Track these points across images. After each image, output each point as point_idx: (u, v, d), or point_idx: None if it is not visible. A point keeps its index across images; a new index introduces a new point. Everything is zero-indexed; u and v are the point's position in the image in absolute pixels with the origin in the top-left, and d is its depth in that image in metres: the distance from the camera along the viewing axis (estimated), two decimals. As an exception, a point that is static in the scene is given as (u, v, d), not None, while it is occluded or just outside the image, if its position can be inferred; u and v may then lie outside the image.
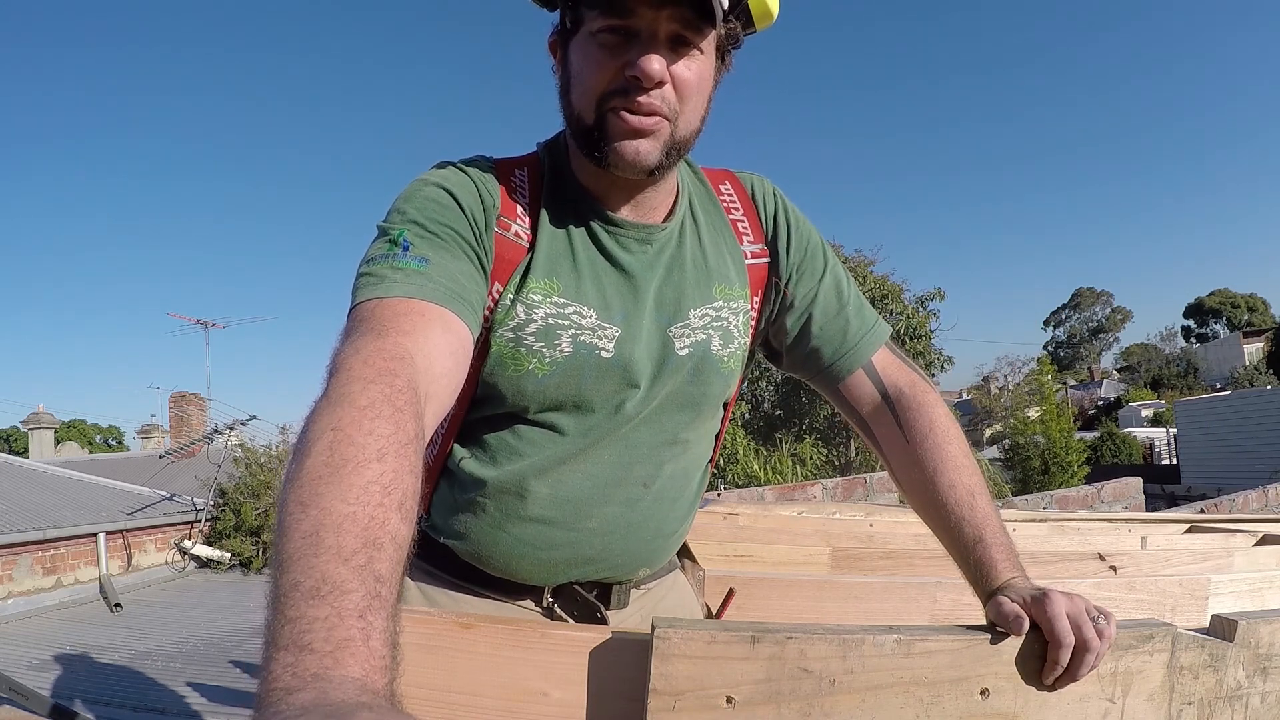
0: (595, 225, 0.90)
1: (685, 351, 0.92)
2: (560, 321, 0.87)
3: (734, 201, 1.01)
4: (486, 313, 0.86)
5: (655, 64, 0.79)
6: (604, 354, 0.88)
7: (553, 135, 0.97)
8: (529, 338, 0.86)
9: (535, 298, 0.86)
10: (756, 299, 0.99)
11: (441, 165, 0.90)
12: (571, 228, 0.90)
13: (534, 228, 0.89)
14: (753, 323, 1.00)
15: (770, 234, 1.00)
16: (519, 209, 0.89)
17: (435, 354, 0.72)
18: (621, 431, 0.90)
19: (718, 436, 1.04)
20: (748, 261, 0.99)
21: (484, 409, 0.90)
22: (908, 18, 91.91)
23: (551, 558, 0.90)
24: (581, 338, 0.87)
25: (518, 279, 0.87)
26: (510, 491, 0.89)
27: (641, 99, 0.80)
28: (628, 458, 0.91)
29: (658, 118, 0.82)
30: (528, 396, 0.87)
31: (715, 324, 0.94)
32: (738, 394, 1.05)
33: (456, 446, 0.92)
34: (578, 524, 0.90)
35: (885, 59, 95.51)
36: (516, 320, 0.86)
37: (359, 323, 0.72)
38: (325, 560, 0.49)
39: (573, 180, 0.92)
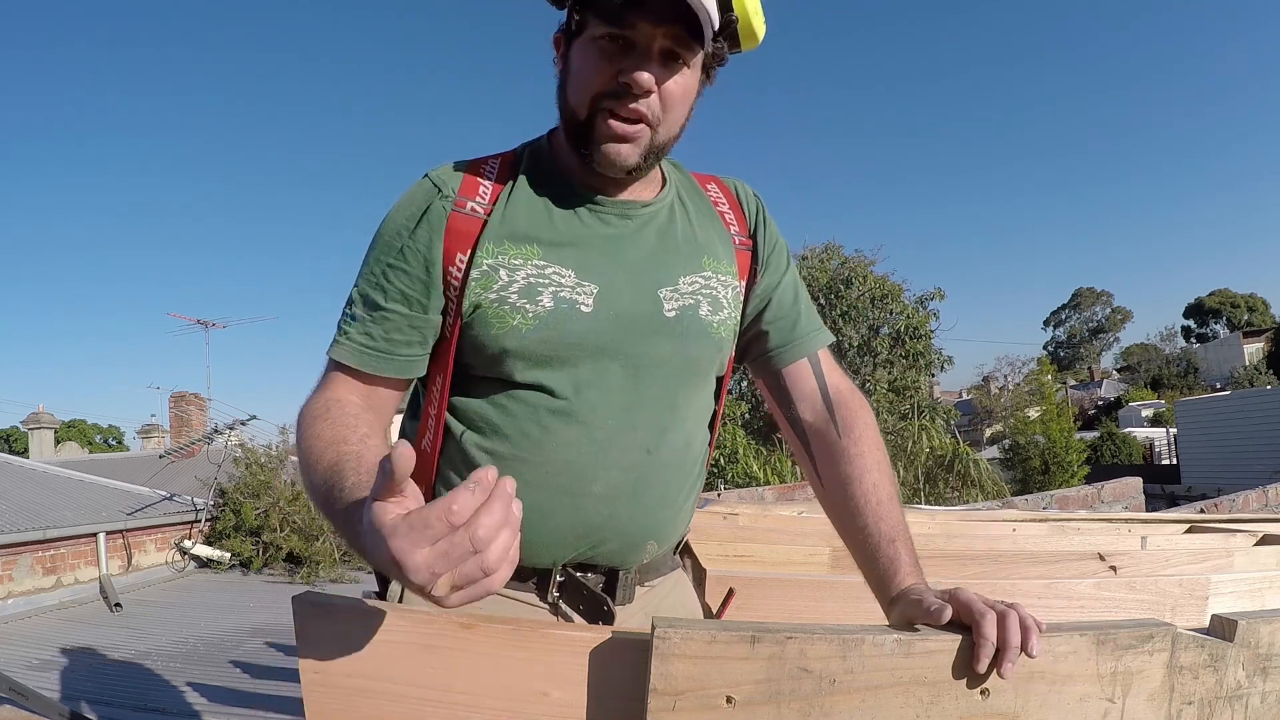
0: (574, 202, 0.96)
1: (673, 314, 0.96)
2: (540, 280, 0.91)
3: (720, 198, 1.09)
4: (456, 284, 0.92)
5: (646, 76, 0.87)
6: (583, 309, 0.92)
7: (536, 137, 1.03)
8: (512, 296, 0.91)
9: (516, 262, 0.92)
10: (743, 282, 1.05)
11: (413, 185, 0.96)
12: (550, 202, 0.96)
13: (496, 200, 0.95)
14: (742, 299, 1.05)
15: (752, 228, 1.08)
16: (481, 188, 0.95)
17: (373, 404, 0.94)
18: (617, 394, 0.93)
19: (712, 426, 1.07)
20: (735, 246, 1.05)
21: (474, 386, 0.94)
22: (907, 16, 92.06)
23: (558, 526, 0.92)
24: (562, 294, 0.92)
25: (488, 243, 0.92)
26: (509, 458, 0.91)
27: (630, 105, 0.89)
28: (628, 422, 0.94)
29: (641, 125, 0.90)
30: (513, 354, 0.91)
31: (704, 291, 0.99)
32: (730, 374, 1.09)
33: (452, 425, 0.95)
34: (583, 489, 0.92)
35: (885, 58, 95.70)
36: (499, 283, 0.91)
37: (324, 377, 0.95)
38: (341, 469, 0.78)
39: (556, 164, 0.98)
